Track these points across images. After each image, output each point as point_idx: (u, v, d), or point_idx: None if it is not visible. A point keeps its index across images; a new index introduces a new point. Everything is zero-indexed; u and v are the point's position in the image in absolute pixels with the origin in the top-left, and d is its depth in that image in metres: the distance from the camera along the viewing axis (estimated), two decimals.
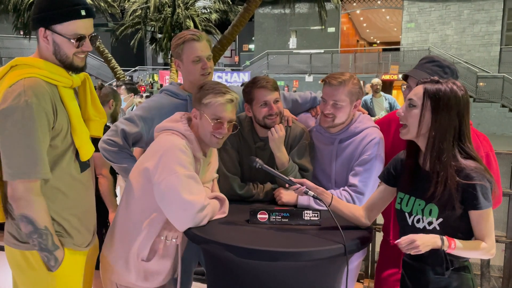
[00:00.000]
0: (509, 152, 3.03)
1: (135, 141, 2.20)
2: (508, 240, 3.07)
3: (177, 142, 1.77)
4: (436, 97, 1.52)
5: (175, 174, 1.69)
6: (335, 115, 2.08)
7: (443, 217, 1.53)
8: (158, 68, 25.42)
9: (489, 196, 1.50)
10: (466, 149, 1.52)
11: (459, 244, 1.49)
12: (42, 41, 1.61)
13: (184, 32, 2.18)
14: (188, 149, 1.78)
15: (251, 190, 2.15)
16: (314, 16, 15.74)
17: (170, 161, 1.71)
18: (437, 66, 1.97)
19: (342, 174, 2.14)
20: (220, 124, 1.81)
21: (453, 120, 1.51)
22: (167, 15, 14.73)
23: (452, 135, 1.51)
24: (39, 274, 1.63)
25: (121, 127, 2.15)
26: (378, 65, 20.43)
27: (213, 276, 1.86)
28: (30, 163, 1.51)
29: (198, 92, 1.86)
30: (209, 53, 2.19)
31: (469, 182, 1.48)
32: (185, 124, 1.85)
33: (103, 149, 2.14)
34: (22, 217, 1.54)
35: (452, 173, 1.49)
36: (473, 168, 1.49)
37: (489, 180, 1.50)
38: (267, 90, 2.08)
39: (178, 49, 2.17)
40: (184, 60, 2.17)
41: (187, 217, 1.70)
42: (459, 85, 1.54)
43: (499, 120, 16.59)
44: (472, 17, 18.69)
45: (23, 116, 1.49)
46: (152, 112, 2.17)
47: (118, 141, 2.14)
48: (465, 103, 1.53)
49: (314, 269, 1.68)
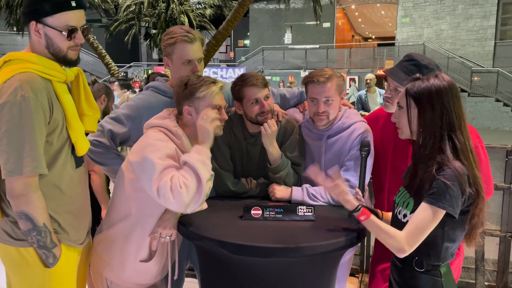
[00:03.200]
0: (503, 146, 3.03)
1: (123, 141, 2.13)
2: (502, 234, 3.08)
3: (161, 137, 1.75)
4: (417, 93, 1.52)
5: (151, 162, 1.64)
6: (328, 112, 2.07)
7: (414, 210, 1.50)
8: (153, 64, 25.29)
9: (449, 199, 1.41)
10: (457, 142, 1.48)
11: (374, 220, 1.51)
12: (34, 35, 1.59)
13: (177, 30, 2.09)
14: (172, 149, 1.73)
15: (244, 186, 2.14)
16: (309, 11, 15.68)
17: (149, 151, 1.67)
18: (414, 66, 1.95)
19: (332, 169, 2.13)
20: (220, 110, 1.84)
21: (437, 113, 1.49)
22: (161, 11, 14.66)
23: (439, 127, 1.49)
24: (35, 270, 1.62)
25: (108, 128, 2.07)
26: (373, 60, 20.42)
27: (206, 273, 1.85)
28: (28, 158, 1.49)
29: (185, 88, 1.82)
30: (200, 56, 2.12)
31: (438, 177, 1.43)
32: (173, 121, 1.83)
33: (91, 152, 2.04)
34: (21, 214, 1.53)
35: (432, 166, 1.46)
36: (453, 167, 1.44)
37: (462, 187, 1.43)
38: (257, 88, 2.06)
39: (169, 48, 2.09)
40: (174, 60, 2.10)
41: (170, 186, 1.59)
42: (442, 77, 1.52)
43: (493, 115, 16.64)
44: (466, 12, 18.71)
45: (20, 111, 1.47)
46: (141, 111, 2.09)
47: (104, 141, 2.06)
48: (451, 94, 1.50)
49: (308, 264, 1.68)
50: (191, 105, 1.82)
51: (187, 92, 1.82)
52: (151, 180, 1.62)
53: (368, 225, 1.53)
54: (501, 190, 3.04)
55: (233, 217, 1.84)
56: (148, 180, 1.64)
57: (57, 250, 1.62)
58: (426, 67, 1.95)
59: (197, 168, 1.62)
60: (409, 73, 1.91)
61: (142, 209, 1.78)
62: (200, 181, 1.62)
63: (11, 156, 1.49)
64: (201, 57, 2.14)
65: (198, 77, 1.85)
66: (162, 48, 2.15)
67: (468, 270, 3.38)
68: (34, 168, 1.51)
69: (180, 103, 1.84)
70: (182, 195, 1.57)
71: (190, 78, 1.85)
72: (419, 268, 1.55)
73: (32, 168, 1.51)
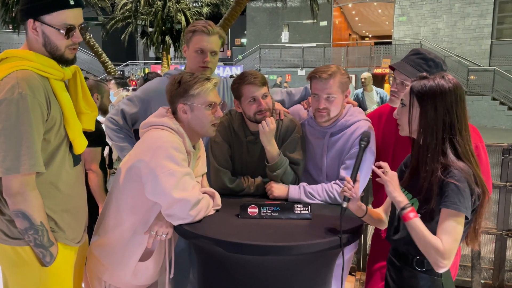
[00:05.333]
0: (499, 144, 3.04)
1: (134, 122, 2.32)
2: (498, 232, 3.09)
3: (169, 138, 1.73)
4: (421, 93, 1.52)
5: (169, 171, 1.66)
6: (329, 108, 2.06)
7: (421, 213, 1.50)
8: (150, 62, 25.25)
9: (464, 202, 1.41)
10: (456, 144, 1.48)
11: (419, 221, 1.43)
12: (31, 33, 1.58)
13: (200, 22, 2.28)
14: (181, 145, 1.75)
15: (241, 184, 2.14)
16: (306, 9, 15.70)
17: (163, 159, 1.68)
18: (421, 59, 1.98)
19: (333, 167, 2.13)
20: (215, 107, 1.84)
21: (440, 115, 1.49)
22: (158, 9, 14.58)
23: (441, 129, 1.49)
24: (31, 269, 1.61)
25: (121, 107, 2.29)
26: (370, 58, 20.45)
27: (203, 272, 1.84)
28: (26, 156, 1.48)
29: (179, 86, 1.81)
30: (214, 49, 2.25)
31: (447, 180, 1.43)
32: (173, 118, 1.82)
33: (106, 127, 2.32)
34: (18, 212, 1.52)
35: (436, 169, 1.46)
36: (459, 168, 1.45)
37: (471, 187, 1.44)
38: (255, 86, 2.06)
39: (188, 36, 2.27)
40: (190, 47, 2.26)
41: (182, 214, 1.69)
42: (448, 79, 1.52)
43: (489, 113, 16.69)
44: (463, 11, 18.74)
45: (18, 108, 1.46)
46: (150, 94, 2.28)
47: (118, 120, 2.29)
48: (455, 96, 1.50)
49: (305, 262, 1.67)
50: (186, 103, 1.80)
51: (181, 89, 1.80)
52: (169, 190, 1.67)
53: (410, 225, 1.44)
54: (497, 188, 3.05)
55: (229, 215, 1.83)
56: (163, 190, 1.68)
57: (54, 248, 1.61)
58: (433, 61, 1.96)
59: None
60: (416, 66, 1.94)
61: (139, 209, 1.77)
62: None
63: (8, 154, 1.48)
64: (215, 51, 2.27)
65: (191, 74, 1.84)
66: (184, 36, 2.34)
67: (464, 268, 3.39)
68: (32, 166, 1.50)
69: (174, 101, 1.83)
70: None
71: (184, 75, 1.84)
72: (420, 267, 1.55)
73: (30, 166, 1.50)
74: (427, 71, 1.92)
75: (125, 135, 2.30)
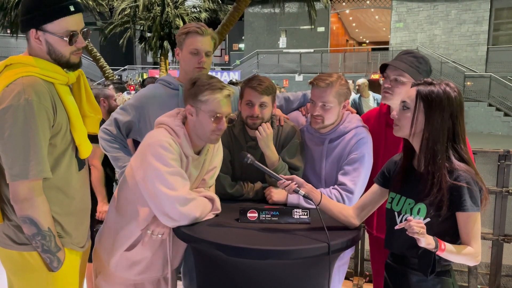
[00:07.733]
0: (495, 150, 3.07)
1: (128, 131, 2.27)
2: (494, 237, 3.11)
3: (160, 137, 1.75)
4: (429, 98, 1.53)
5: (155, 171, 1.68)
6: (324, 116, 2.09)
7: (430, 217, 1.53)
8: (148, 67, 25.22)
9: (477, 201, 1.50)
10: (460, 151, 1.53)
11: (450, 247, 1.48)
12: (35, 42, 1.58)
13: (192, 23, 2.27)
14: (174, 145, 1.75)
15: (241, 189, 2.15)
16: (303, 15, 15.73)
17: (150, 157, 1.71)
18: (413, 57, 2.09)
19: (332, 173, 2.15)
20: (219, 119, 1.78)
21: (446, 122, 1.52)
22: (156, 14, 14.63)
23: (446, 137, 1.52)
24: (39, 275, 1.61)
25: (115, 116, 2.25)
26: (367, 64, 20.51)
27: (203, 275, 1.86)
28: (33, 162, 1.49)
29: (192, 87, 1.80)
30: (208, 49, 2.24)
31: (458, 184, 1.48)
32: (178, 119, 1.83)
33: (100, 138, 2.23)
34: (25, 218, 1.52)
35: (445, 174, 1.50)
36: (464, 170, 1.50)
37: (478, 185, 1.51)
38: (255, 92, 2.08)
39: (180, 38, 2.24)
40: (183, 49, 2.24)
41: (172, 213, 1.69)
42: (452, 87, 1.55)
43: (486, 119, 16.76)
44: (459, 17, 18.85)
45: (25, 114, 1.46)
46: (143, 101, 2.25)
47: (112, 130, 2.23)
48: (458, 105, 1.54)
49: (303, 266, 1.69)
50: (193, 106, 1.80)
51: (193, 91, 1.79)
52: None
53: (446, 254, 1.49)
54: (493, 194, 3.07)
55: (229, 220, 1.85)
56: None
57: (61, 254, 1.62)
58: (422, 58, 2.09)
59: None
60: (409, 63, 2.05)
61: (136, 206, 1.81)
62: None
63: (17, 160, 1.48)
64: (209, 51, 2.25)
65: (209, 78, 1.80)
66: (176, 39, 2.29)
67: (461, 273, 3.40)
68: (40, 172, 1.50)
69: (186, 100, 1.83)
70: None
71: (201, 78, 1.81)
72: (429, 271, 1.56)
73: (38, 172, 1.50)
74: (419, 68, 2.04)
75: (120, 145, 2.24)
